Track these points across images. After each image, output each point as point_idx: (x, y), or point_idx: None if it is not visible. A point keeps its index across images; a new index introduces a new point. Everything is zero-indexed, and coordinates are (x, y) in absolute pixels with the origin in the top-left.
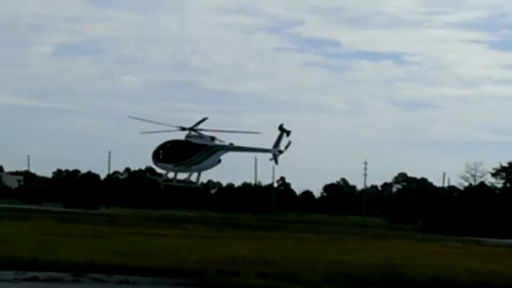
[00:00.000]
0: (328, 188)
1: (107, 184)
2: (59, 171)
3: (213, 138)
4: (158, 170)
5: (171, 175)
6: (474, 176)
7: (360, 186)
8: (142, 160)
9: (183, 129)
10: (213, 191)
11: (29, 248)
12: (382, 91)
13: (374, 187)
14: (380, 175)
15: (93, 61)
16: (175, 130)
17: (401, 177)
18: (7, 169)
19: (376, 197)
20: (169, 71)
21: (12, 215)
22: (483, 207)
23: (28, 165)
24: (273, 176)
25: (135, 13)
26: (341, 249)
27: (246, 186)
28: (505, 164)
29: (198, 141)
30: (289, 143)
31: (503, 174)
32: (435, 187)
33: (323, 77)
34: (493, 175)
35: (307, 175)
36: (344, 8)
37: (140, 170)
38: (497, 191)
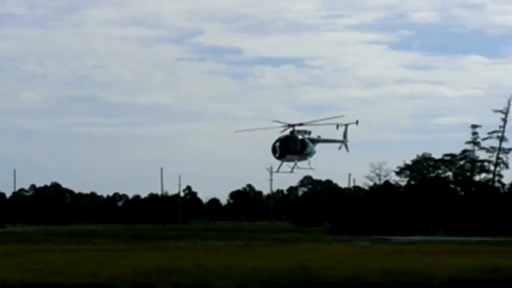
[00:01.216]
0: (234, 195)
1: (13, 201)
2: None
3: (309, 132)
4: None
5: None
6: (379, 175)
7: (266, 192)
8: (47, 176)
9: (290, 126)
10: (119, 204)
11: None
12: (285, 96)
13: (280, 191)
14: (285, 180)
15: None
16: (278, 127)
17: (306, 180)
18: None
19: (282, 201)
20: (71, 86)
21: None
22: (389, 205)
23: None
24: (179, 185)
25: (33, 29)
26: (252, 255)
27: (152, 197)
28: (408, 162)
29: (304, 135)
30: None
31: (407, 172)
32: (340, 189)
33: (227, 85)
34: (398, 173)
35: (214, 183)
36: (244, 15)
37: (45, 186)
38: (401, 189)
